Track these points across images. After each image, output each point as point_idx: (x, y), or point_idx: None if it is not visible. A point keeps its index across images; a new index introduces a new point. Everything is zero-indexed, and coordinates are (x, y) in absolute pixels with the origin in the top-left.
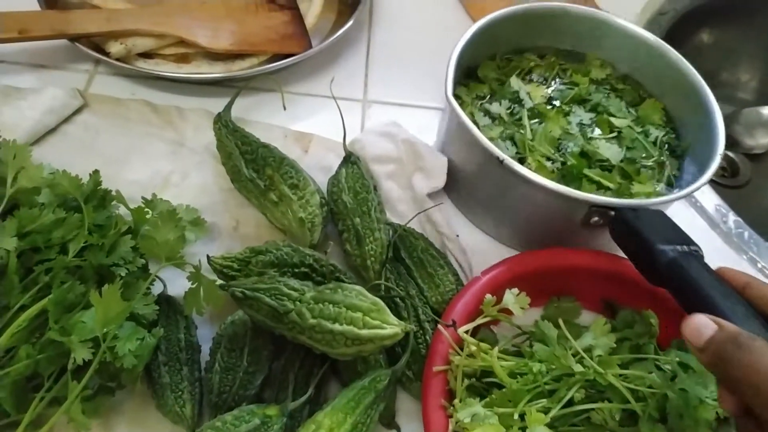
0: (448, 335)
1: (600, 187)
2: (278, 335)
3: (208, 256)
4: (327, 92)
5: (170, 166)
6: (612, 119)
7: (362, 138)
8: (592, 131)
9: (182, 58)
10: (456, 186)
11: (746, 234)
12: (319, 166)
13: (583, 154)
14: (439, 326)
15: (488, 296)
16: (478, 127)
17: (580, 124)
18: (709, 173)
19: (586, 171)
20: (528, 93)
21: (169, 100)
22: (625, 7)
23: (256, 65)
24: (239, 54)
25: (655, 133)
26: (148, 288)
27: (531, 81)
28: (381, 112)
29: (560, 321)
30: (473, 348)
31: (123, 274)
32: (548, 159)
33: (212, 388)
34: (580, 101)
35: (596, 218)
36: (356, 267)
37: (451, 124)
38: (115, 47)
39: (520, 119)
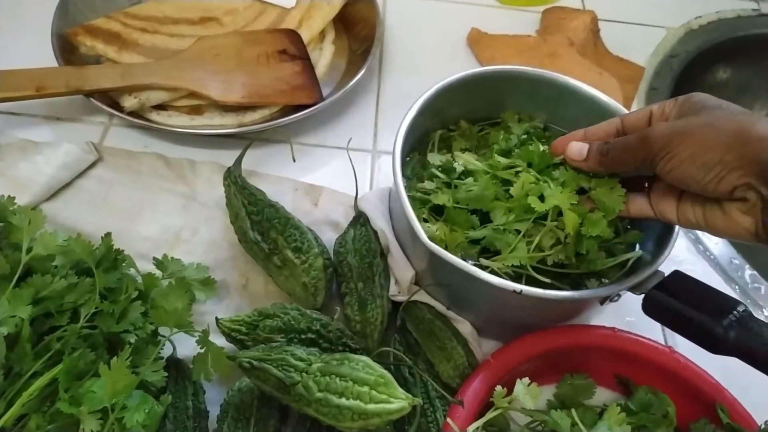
0: (457, 429)
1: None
2: (284, 405)
3: (216, 319)
4: (337, 143)
5: (181, 222)
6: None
7: (370, 198)
8: None
9: (195, 110)
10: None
11: (763, 289)
12: (328, 221)
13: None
14: (448, 419)
15: (498, 388)
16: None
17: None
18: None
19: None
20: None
21: (182, 152)
22: (634, 50)
23: (267, 116)
24: (251, 105)
25: None
26: (158, 353)
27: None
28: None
29: (573, 412)
30: None
31: (132, 341)
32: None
33: None
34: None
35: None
36: (356, 332)
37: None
38: (129, 101)
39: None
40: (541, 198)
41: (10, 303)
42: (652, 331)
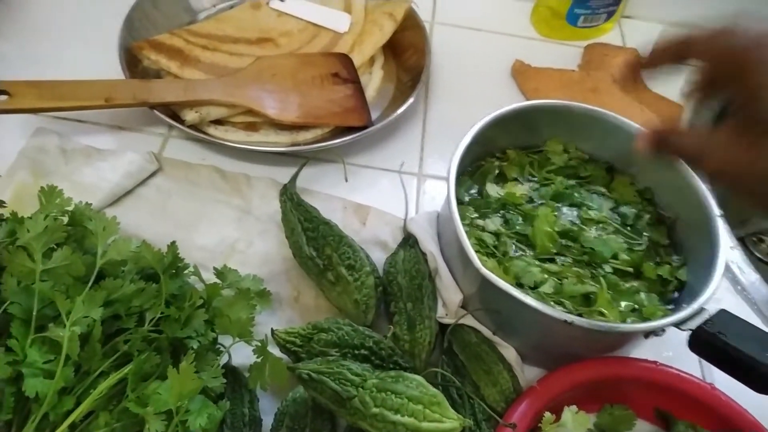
0: None
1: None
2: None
3: (272, 330)
4: (384, 165)
5: (236, 233)
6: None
7: (419, 221)
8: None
9: (251, 126)
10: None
11: None
12: (375, 241)
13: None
14: None
15: (547, 414)
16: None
17: (573, 223)
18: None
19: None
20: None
21: (237, 166)
22: (674, 88)
23: (319, 136)
24: (305, 125)
25: (631, 211)
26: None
27: (505, 181)
28: (436, 186)
29: None
30: None
31: (195, 347)
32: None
33: None
34: (558, 197)
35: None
36: (404, 351)
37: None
38: (190, 115)
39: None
40: None
41: (85, 304)
42: (691, 366)
